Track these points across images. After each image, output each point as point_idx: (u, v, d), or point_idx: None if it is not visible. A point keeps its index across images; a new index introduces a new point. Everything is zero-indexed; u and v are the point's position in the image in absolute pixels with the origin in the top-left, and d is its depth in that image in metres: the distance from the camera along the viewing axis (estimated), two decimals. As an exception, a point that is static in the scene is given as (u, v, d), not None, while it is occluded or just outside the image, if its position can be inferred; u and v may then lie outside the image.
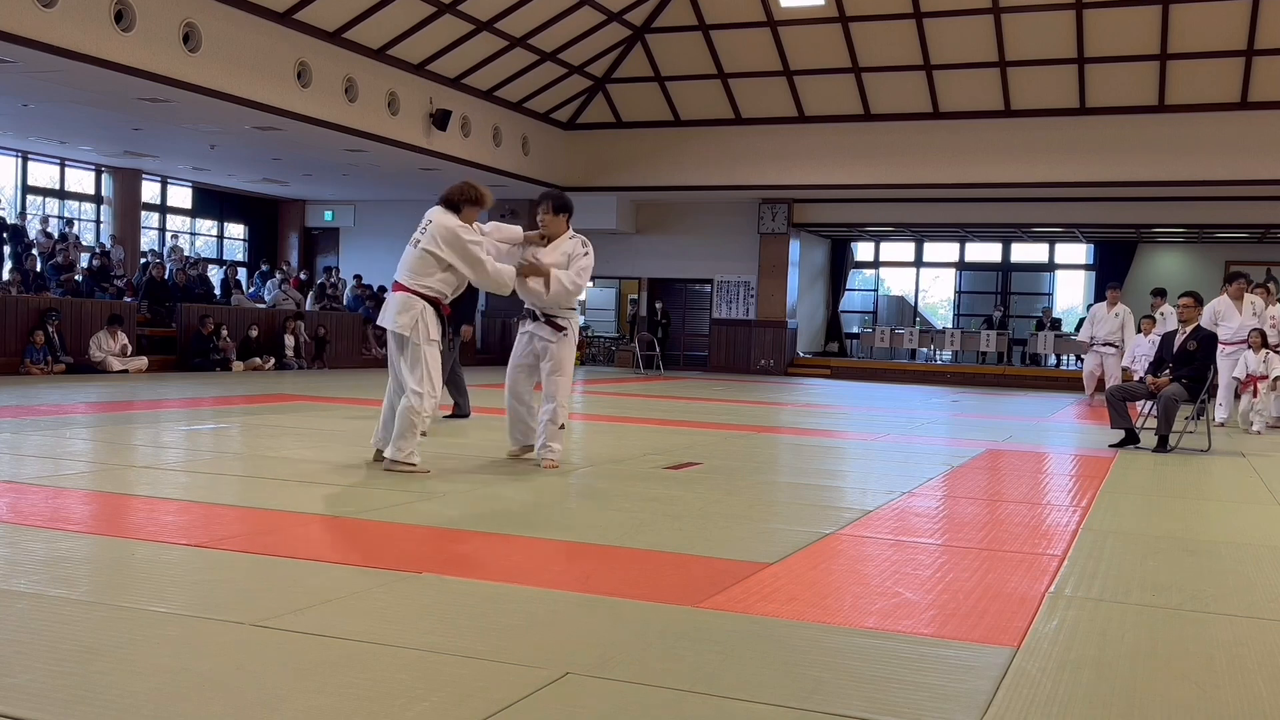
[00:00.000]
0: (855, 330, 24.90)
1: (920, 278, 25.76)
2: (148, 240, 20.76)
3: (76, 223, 19.28)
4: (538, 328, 6.44)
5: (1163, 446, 8.60)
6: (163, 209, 21.91)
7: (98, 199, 19.92)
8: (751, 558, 4.07)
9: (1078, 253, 24.12)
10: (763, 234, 21.77)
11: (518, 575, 3.74)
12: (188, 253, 20.82)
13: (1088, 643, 3.15)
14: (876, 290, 25.95)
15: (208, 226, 23.69)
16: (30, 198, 19.26)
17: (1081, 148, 18.20)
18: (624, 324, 24.64)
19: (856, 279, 25.72)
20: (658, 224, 22.85)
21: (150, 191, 21.05)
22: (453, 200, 6.00)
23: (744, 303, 22.19)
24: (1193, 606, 3.64)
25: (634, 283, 23.83)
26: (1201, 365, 8.78)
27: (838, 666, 2.84)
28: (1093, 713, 2.57)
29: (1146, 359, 11.32)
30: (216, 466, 6.12)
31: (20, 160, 18.83)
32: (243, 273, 21.10)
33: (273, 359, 16.79)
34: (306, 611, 3.14)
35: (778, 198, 21.28)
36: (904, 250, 25.16)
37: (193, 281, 18.06)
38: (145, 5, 12.53)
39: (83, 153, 18.46)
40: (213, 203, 23.27)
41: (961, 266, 24.95)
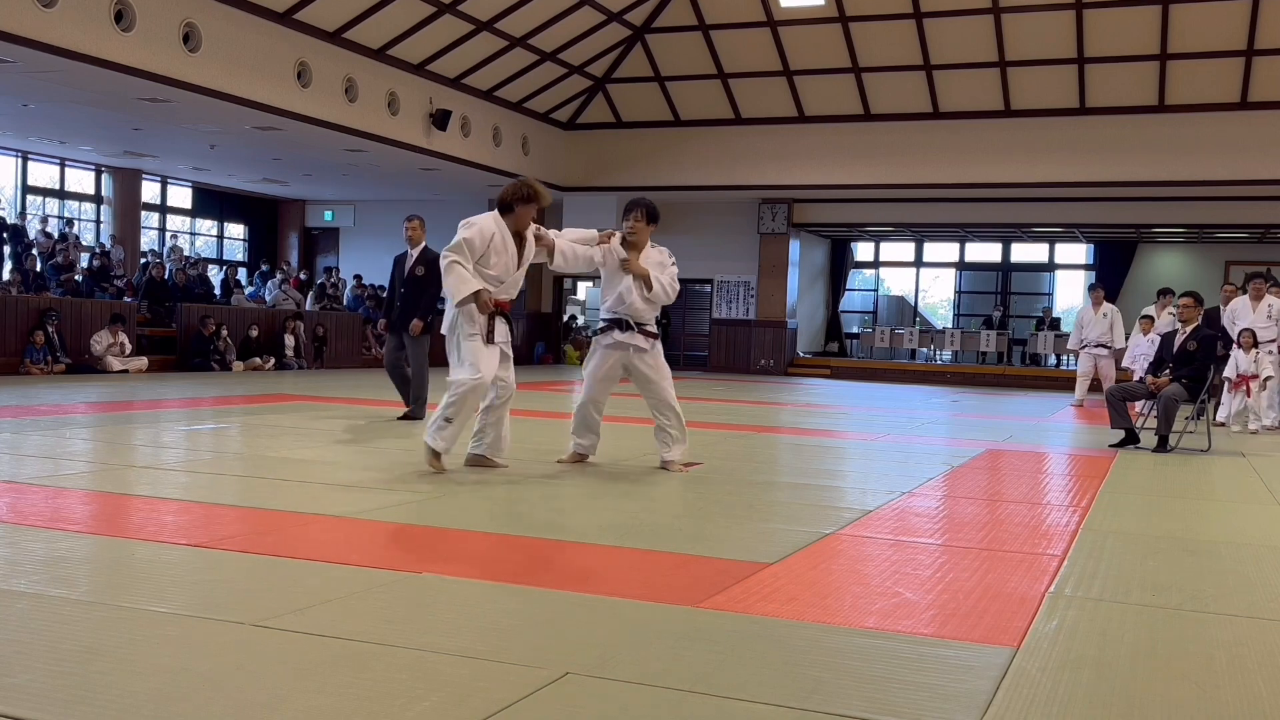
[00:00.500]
0: (855, 330, 24.90)
1: (920, 278, 25.77)
2: (148, 240, 20.76)
3: (76, 223, 19.28)
4: (630, 337, 6.37)
5: (1163, 446, 8.61)
6: (163, 209, 21.92)
7: (98, 199, 19.92)
8: (751, 558, 4.07)
9: (1078, 253, 24.12)
10: (763, 234, 21.77)
11: (517, 575, 3.74)
12: (188, 253, 20.81)
13: (1088, 643, 3.14)
14: (876, 290, 25.94)
15: (208, 226, 23.69)
16: (30, 198, 19.26)
17: (1081, 148, 18.20)
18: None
19: (856, 279, 25.72)
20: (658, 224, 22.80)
21: (150, 191, 21.05)
22: (505, 201, 5.87)
23: (744, 303, 22.19)
24: (1193, 606, 3.64)
25: (634, 282, 23.77)
26: (1201, 365, 8.79)
27: (838, 666, 2.84)
28: (1093, 713, 2.57)
29: (1146, 359, 11.32)
30: (216, 466, 6.12)
31: (20, 160, 18.83)
32: (243, 273, 21.10)
33: (273, 359, 16.79)
34: (306, 611, 3.14)
35: (778, 198, 21.27)
36: (904, 250, 25.16)
37: (192, 281, 18.06)
38: (145, 5, 12.53)
39: (83, 153, 18.46)
40: (213, 203, 23.27)
41: (961, 266, 24.95)
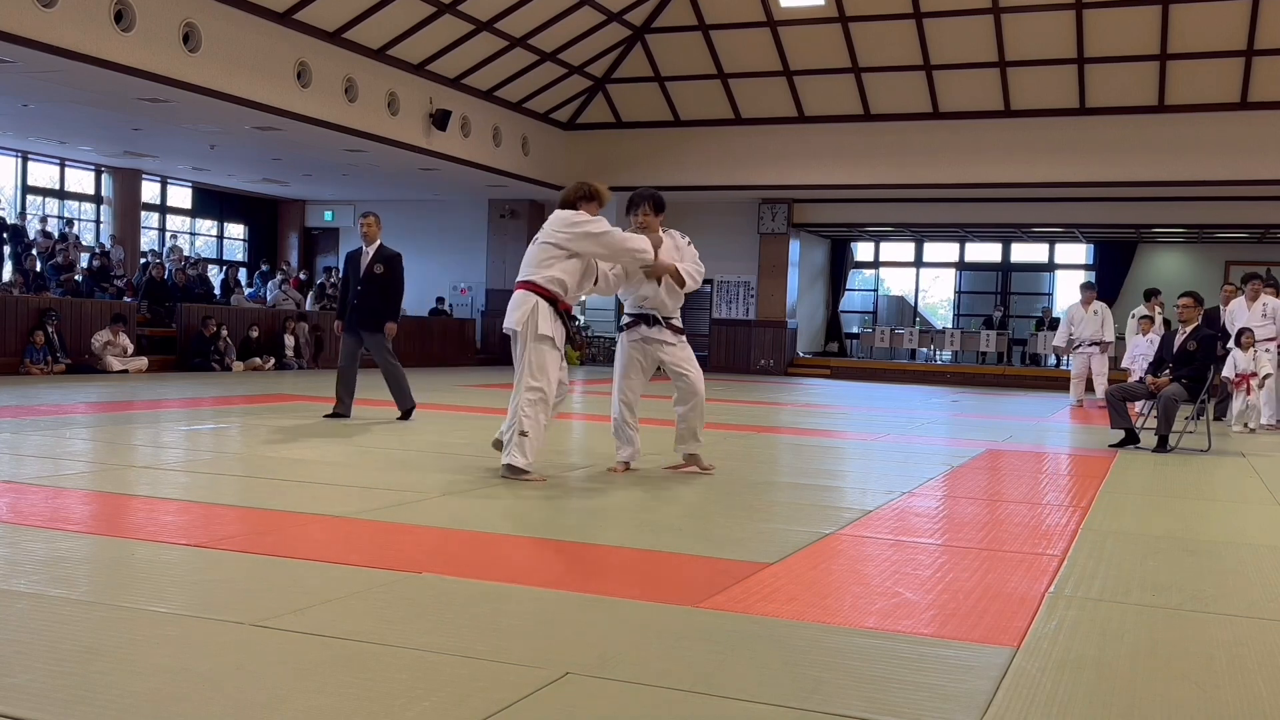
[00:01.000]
0: (855, 330, 24.90)
1: (920, 278, 25.77)
2: (148, 240, 20.76)
3: (76, 223, 19.28)
4: (657, 332, 6.24)
5: (1163, 446, 8.61)
6: (163, 209, 21.91)
7: (98, 199, 19.92)
8: (751, 558, 4.07)
9: (1078, 253, 24.12)
10: (763, 234, 21.77)
11: (518, 575, 3.74)
12: (187, 253, 20.81)
13: (1088, 643, 3.15)
14: (876, 290, 25.94)
15: (208, 226, 23.69)
16: (30, 198, 19.26)
17: (1081, 148, 18.19)
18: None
19: (856, 279, 25.72)
20: (658, 224, 22.82)
21: (150, 191, 21.05)
22: (569, 201, 6.00)
23: (744, 303, 22.19)
24: (1193, 606, 3.64)
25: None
26: (1201, 365, 8.79)
27: (838, 666, 2.84)
28: (1093, 713, 2.57)
29: (1146, 359, 11.32)
30: (216, 466, 6.12)
31: (20, 160, 18.83)
32: (243, 273, 21.10)
33: (273, 359, 16.79)
34: (306, 611, 3.14)
35: (778, 198, 21.27)
36: (904, 250, 25.16)
37: (192, 281, 18.07)
38: (145, 5, 12.53)
39: (83, 153, 18.46)
40: (213, 203, 23.27)
41: (961, 266, 24.95)
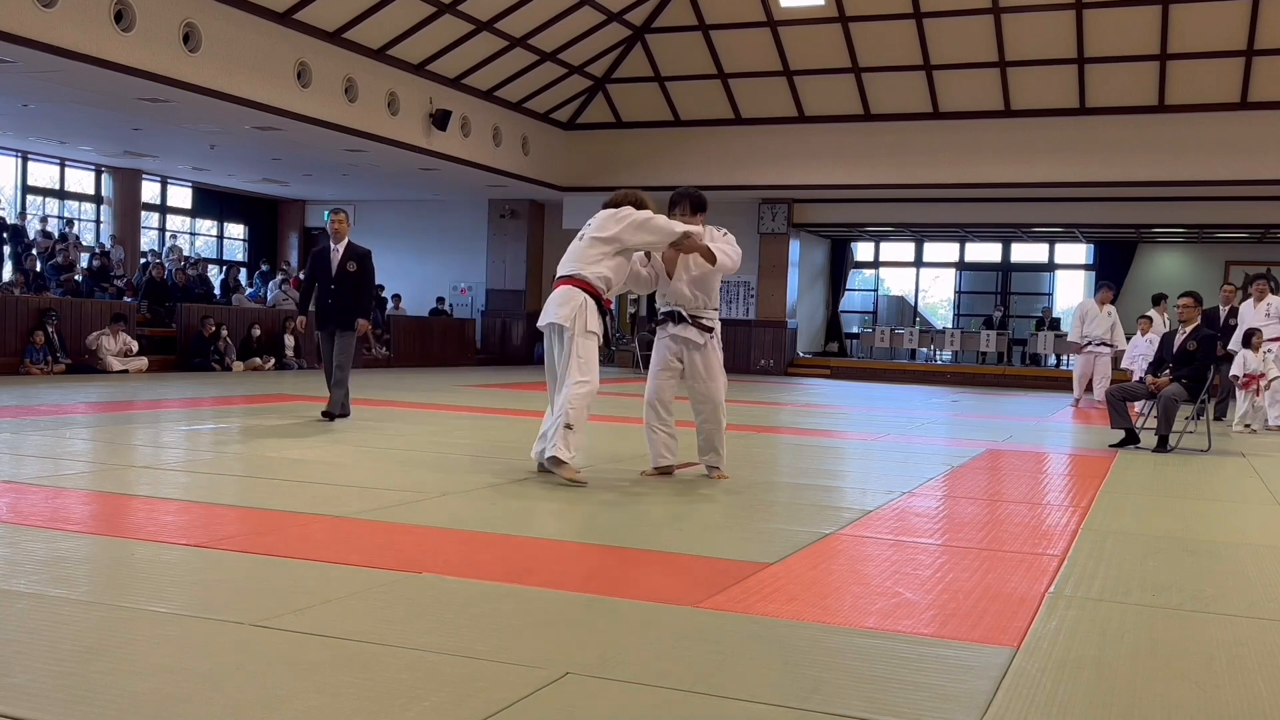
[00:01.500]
0: (855, 330, 24.90)
1: (920, 278, 25.77)
2: (148, 240, 20.76)
3: (76, 223, 19.28)
4: (682, 329, 5.97)
5: (1163, 446, 8.61)
6: (163, 209, 21.91)
7: (98, 199, 19.92)
8: (751, 558, 4.07)
9: (1078, 253, 24.12)
10: (763, 234, 21.76)
11: (518, 575, 3.73)
12: (187, 253, 20.81)
13: (1088, 643, 3.15)
14: (876, 290, 25.94)
15: (207, 226, 23.69)
16: (30, 198, 19.26)
17: (1081, 148, 18.19)
18: (624, 323, 24.63)
19: (856, 279, 25.72)
20: (658, 224, 22.80)
21: (150, 191, 21.06)
22: (615, 204, 6.05)
23: (744, 303, 22.18)
24: (1193, 606, 3.64)
25: (634, 282, 23.77)
26: (1201, 365, 8.79)
27: (838, 666, 2.84)
28: (1093, 713, 2.57)
29: (1146, 359, 11.32)
30: (216, 466, 6.11)
31: (20, 160, 18.83)
32: (243, 273, 21.09)
33: (273, 359, 16.79)
34: (306, 611, 3.14)
35: (778, 198, 21.27)
36: (904, 250, 25.16)
37: (192, 281, 18.06)
38: (145, 5, 12.53)
39: (83, 153, 18.46)
40: (213, 203, 23.27)
41: (961, 266, 24.95)
